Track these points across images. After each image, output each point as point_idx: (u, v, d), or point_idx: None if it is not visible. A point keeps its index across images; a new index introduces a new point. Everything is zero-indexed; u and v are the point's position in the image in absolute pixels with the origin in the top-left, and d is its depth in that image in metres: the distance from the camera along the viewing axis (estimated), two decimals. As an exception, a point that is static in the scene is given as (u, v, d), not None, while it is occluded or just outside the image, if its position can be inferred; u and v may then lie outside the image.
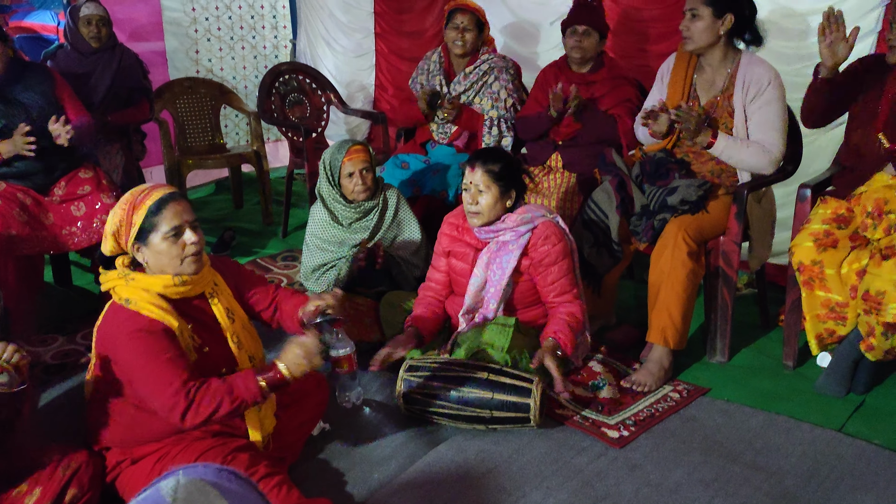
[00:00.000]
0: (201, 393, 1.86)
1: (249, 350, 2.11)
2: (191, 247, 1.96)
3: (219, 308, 2.06)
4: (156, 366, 1.86)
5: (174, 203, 1.95)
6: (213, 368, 1.98)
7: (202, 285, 2.05)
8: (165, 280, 1.95)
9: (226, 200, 5.07)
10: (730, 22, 2.73)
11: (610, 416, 2.49)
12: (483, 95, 3.60)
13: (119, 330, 1.91)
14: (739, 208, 2.72)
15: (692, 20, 2.74)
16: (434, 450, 2.33)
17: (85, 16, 3.72)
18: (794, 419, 2.45)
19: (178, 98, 4.64)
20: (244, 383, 1.90)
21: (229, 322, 2.07)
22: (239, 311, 2.14)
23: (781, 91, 2.74)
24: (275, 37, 5.63)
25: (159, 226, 1.93)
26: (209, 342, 2.02)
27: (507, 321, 2.55)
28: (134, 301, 1.92)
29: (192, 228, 1.97)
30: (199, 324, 2.02)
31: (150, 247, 1.94)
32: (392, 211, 3.09)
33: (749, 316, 3.14)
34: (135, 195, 1.96)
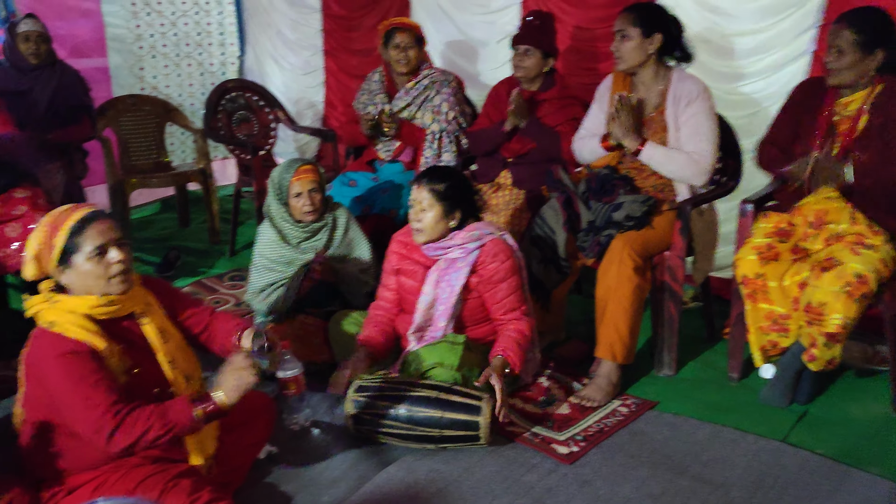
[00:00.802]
0: (133, 416, 1.80)
1: (185, 370, 2.05)
2: (116, 265, 1.90)
3: (150, 328, 2.00)
4: (82, 388, 1.80)
5: (97, 222, 1.90)
6: (145, 390, 1.92)
7: (131, 305, 1.98)
8: (91, 301, 1.89)
9: (171, 219, 4.98)
10: (658, 41, 2.80)
11: (560, 432, 2.49)
12: (424, 110, 3.61)
13: (44, 354, 1.84)
14: (683, 223, 2.77)
15: (621, 41, 2.81)
16: (384, 470, 2.30)
17: (23, 32, 3.63)
18: (739, 431, 2.49)
19: (121, 116, 4.55)
20: (178, 410, 1.85)
21: (162, 342, 2.01)
22: (173, 330, 2.08)
23: (710, 103, 2.81)
24: (222, 53, 5.57)
25: (82, 246, 1.87)
26: (141, 363, 1.96)
27: (456, 339, 2.54)
28: (59, 323, 1.85)
29: (117, 246, 1.91)
30: (130, 345, 1.96)
31: (74, 268, 1.88)
32: (342, 230, 3.06)
33: (695, 329, 3.18)
34: (54, 216, 1.90)
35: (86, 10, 4.85)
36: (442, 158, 3.56)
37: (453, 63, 4.32)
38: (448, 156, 3.58)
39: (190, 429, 1.87)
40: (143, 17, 5.10)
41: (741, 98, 3.37)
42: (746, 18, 3.31)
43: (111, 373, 1.86)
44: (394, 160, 3.70)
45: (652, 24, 2.79)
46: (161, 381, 1.98)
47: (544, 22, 3.34)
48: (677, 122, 2.81)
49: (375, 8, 4.74)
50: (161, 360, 1.99)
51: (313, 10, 5.09)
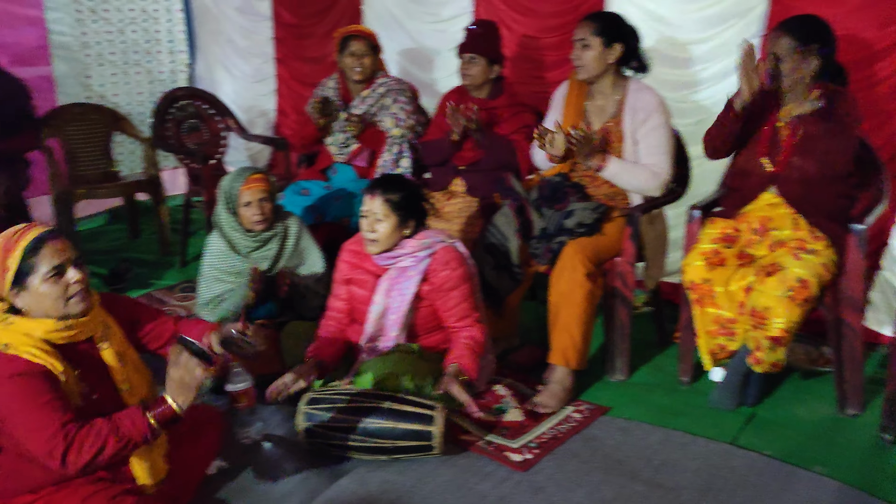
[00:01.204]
0: (83, 433, 1.75)
1: (141, 395, 2.00)
2: (74, 286, 1.85)
3: (109, 352, 1.95)
4: (33, 409, 1.75)
5: (52, 241, 1.84)
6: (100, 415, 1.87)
7: (90, 328, 1.93)
8: (48, 325, 1.83)
9: (121, 230, 4.87)
10: (619, 51, 2.83)
11: (514, 440, 2.50)
12: (383, 116, 3.60)
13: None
14: (633, 230, 2.80)
15: (583, 50, 2.83)
16: (336, 483, 2.28)
17: (-40, 39, 3.53)
18: (689, 434, 2.52)
19: (67, 125, 4.44)
20: (131, 420, 1.81)
21: (120, 366, 1.96)
22: (131, 353, 2.04)
23: (667, 116, 2.86)
24: (171, 61, 5.48)
25: (38, 267, 1.81)
26: (98, 388, 1.90)
27: (409, 348, 2.53)
28: (13, 345, 1.79)
29: (74, 266, 1.86)
30: (87, 369, 1.90)
31: (30, 290, 1.82)
32: (293, 240, 3.02)
33: (647, 334, 3.22)
34: (7, 238, 1.84)
35: (29, 17, 4.72)
36: (400, 164, 3.55)
37: (407, 71, 4.32)
38: (406, 162, 3.58)
39: (148, 437, 1.82)
40: (90, 24, 4.99)
41: (691, 106, 3.42)
42: (693, 28, 3.37)
43: (65, 394, 1.80)
44: (348, 162, 3.66)
45: (613, 33, 2.83)
46: (119, 407, 1.92)
47: (487, 30, 3.36)
48: (634, 134, 2.84)
49: (327, 16, 4.72)
50: (119, 386, 1.94)
51: (264, 18, 5.05)
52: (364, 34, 3.61)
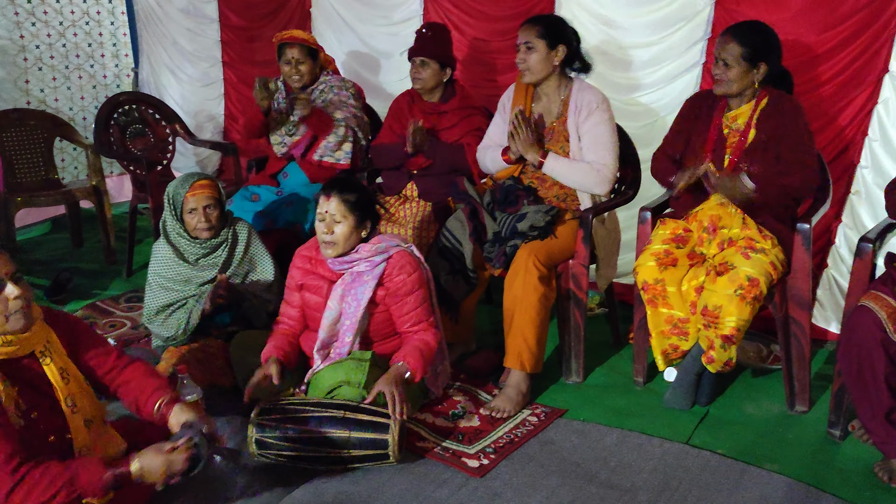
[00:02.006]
0: (36, 475, 1.69)
1: (86, 413, 1.92)
2: (14, 302, 1.78)
3: (51, 368, 1.88)
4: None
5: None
6: (41, 436, 1.80)
7: (32, 344, 1.86)
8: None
9: (63, 239, 4.72)
10: (563, 52, 2.85)
11: (470, 445, 2.48)
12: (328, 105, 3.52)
13: None
14: (585, 232, 2.81)
15: (527, 52, 2.84)
16: (289, 496, 2.22)
17: None
18: (645, 435, 2.54)
19: (4, 131, 4.29)
20: (88, 474, 1.75)
21: (63, 383, 1.88)
22: (74, 370, 1.96)
23: (610, 113, 2.88)
24: (116, 65, 5.34)
25: None
26: (38, 406, 1.83)
27: (363, 356, 2.49)
28: None
29: (13, 281, 1.79)
30: (28, 386, 1.83)
31: None
32: (242, 246, 2.96)
33: (601, 335, 3.24)
34: None
35: (-37, 19, 4.57)
36: (342, 148, 3.47)
37: (357, 74, 4.28)
38: (348, 146, 3.48)
39: (99, 494, 1.77)
40: (28, 27, 4.83)
41: (639, 108, 3.46)
42: (639, 31, 3.41)
43: (7, 419, 1.72)
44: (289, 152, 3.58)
45: (556, 36, 2.84)
46: (60, 426, 1.84)
47: (437, 34, 3.33)
48: (578, 131, 2.86)
49: (275, 19, 4.65)
50: (62, 403, 1.86)
51: (211, 21, 4.95)
52: (299, 40, 3.51)
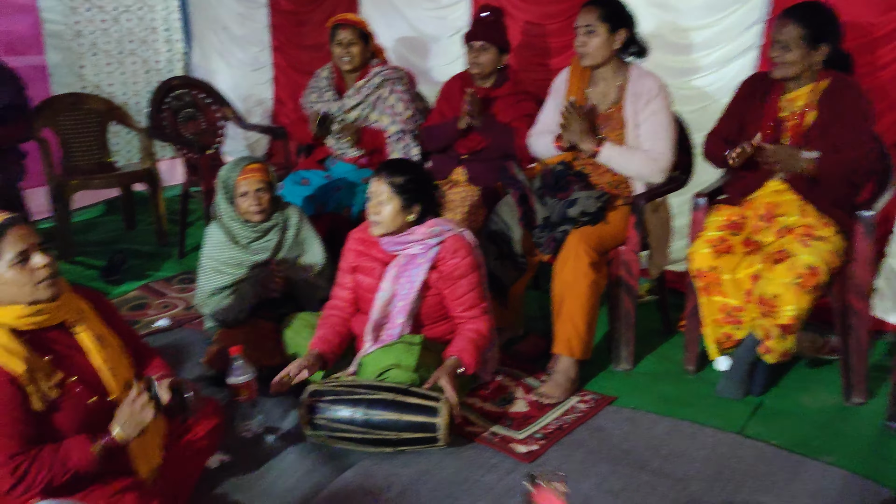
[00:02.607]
0: (34, 469, 1.74)
1: (124, 376, 1.97)
2: (42, 271, 1.82)
3: (86, 335, 1.92)
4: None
5: (15, 228, 1.81)
6: (79, 402, 1.84)
7: (62, 313, 1.90)
8: (17, 311, 1.80)
9: (117, 221, 4.82)
10: (623, 37, 2.80)
11: (519, 431, 2.47)
12: (381, 112, 3.54)
13: None
14: (637, 218, 2.77)
15: (588, 36, 2.79)
16: (340, 477, 2.25)
17: (-50, 28, 3.47)
18: (697, 424, 2.50)
19: (60, 115, 4.38)
20: (77, 453, 1.79)
21: (100, 347, 1.93)
22: (111, 337, 2.00)
23: (669, 101, 2.82)
24: (168, 50, 5.42)
25: (3, 254, 1.78)
26: (75, 373, 1.87)
27: (413, 339, 2.50)
28: None
29: (40, 251, 1.83)
30: (62, 355, 1.87)
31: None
32: (293, 230, 2.98)
33: (652, 322, 3.19)
34: None
35: (21, 5, 4.65)
36: (410, 156, 3.51)
37: (405, 59, 4.27)
38: (415, 151, 3.52)
39: (93, 467, 1.81)
40: (83, 12, 4.92)
41: (693, 92, 3.39)
42: (694, 14, 3.33)
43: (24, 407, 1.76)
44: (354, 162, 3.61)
45: (618, 19, 2.79)
46: (98, 389, 1.89)
47: (498, 18, 3.32)
48: (636, 119, 2.81)
49: (324, 3, 4.66)
50: (99, 367, 1.90)
51: (260, 5, 4.98)
52: (351, 22, 3.53)
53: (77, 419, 1.84)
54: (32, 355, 1.79)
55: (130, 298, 3.63)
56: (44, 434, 1.80)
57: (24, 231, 1.82)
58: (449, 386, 2.34)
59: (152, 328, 3.29)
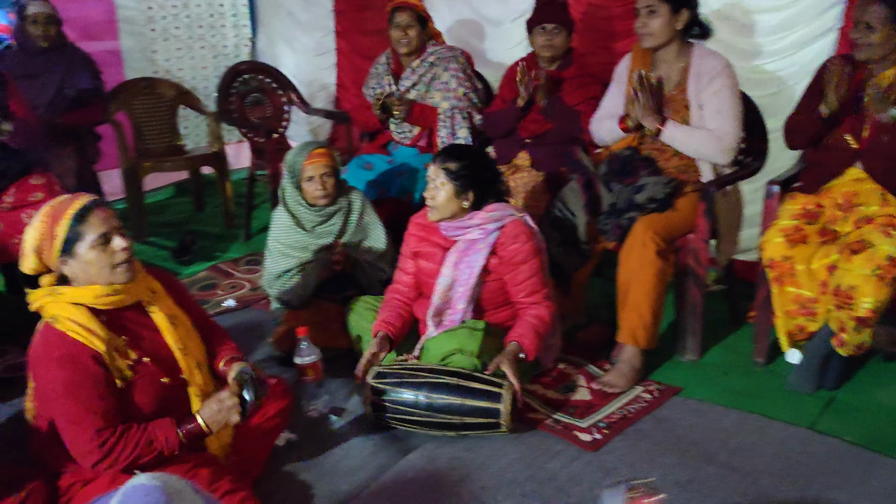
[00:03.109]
0: (120, 446, 1.80)
1: (197, 357, 2.02)
2: (121, 253, 1.87)
3: (159, 315, 1.98)
4: (74, 402, 1.78)
5: (98, 210, 1.87)
6: (153, 381, 1.90)
7: (137, 293, 1.95)
8: (96, 290, 1.86)
9: (186, 203, 4.95)
10: (686, 17, 2.73)
11: (582, 419, 2.45)
12: (433, 88, 3.53)
13: (44, 353, 1.81)
14: (707, 205, 2.70)
15: (649, 16, 2.73)
16: (404, 459, 2.27)
17: (32, 14, 3.59)
18: (766, 417, 2.44)
19: (134, 99, 4.51)
20: (164, 435, 1.85)
21: (172, 328, 1.98)
22: (182, 316, 2.06)
23: (734, 80, 2.74)
24: (235, 35, 5.52)
25: (85, 234, 1.83)
26: (149, 353, 1.93)
27: (476, 325, 2.50)
28: (61, 320, 1.82)
29: (120, 234, 1.88)
30: (136, 335, 1.93)
31: (78, 258, 1.84)
32: (357, 214, 3.01)
33: (719, 313, 3.12)
34: (54, 207, 1.86)
35: (97, -9, 4.81)
36: (457, 136, 3.49)
37: (465, 42, 4.24)
38: (463, 132, 3.50)
39: (175, 451, 1.87)
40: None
41: (763, 77, 3.28)
42: (768, -5, 3.22)
43: (107, 383, 1.82)
44: (413, 145, 3.63)
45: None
46: (172, 369, 1.95)
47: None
48: (699, 99, 2.74)
49: (388, -13, 4.66)
50: (172, 347, 1.96)
51: (325, -9, 5.03)
52: (409, 5, 3.53)
53: (151, 398, 1.90)
54: (110, 335, 1.85)
55: (200, 279, 3.73)
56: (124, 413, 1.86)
57: (107, 214, 1.88)
58: (511, 371, 2.33)
59: (221, 308, 3.36)
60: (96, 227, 1.84)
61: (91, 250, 1.84)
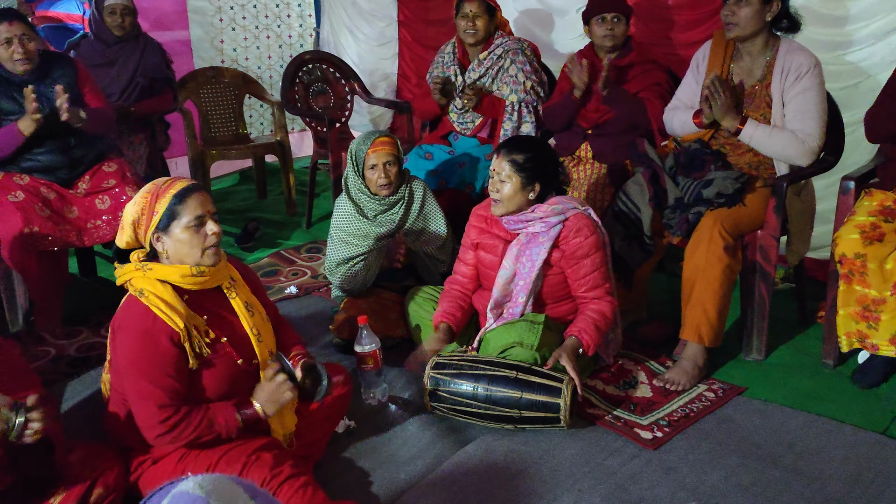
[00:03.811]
0: (182, 425, 1.86)
1: (268, 344, 2.07)
2: (212, 237, 1.93)
3: (237, 301, 2.03)
4: (148, 379, 1.85)
5: (197, 193, 1.93)
6: (229, 362, 1.95)
7: (219, 278, 2.01)
8: (183, 270, 1.92)
9: (249, 191, 5.04)
10: (777, 7, 2.63)
11: (643, 416, 2.42)
12: (500, 81, 3.51)
13: (127, 323, 1.88)
14: (778, 201, 2.62)
15: (738, 6, 2.63)
16: (462, 450, 2.27)
17: (109, 5, 3.69)
18: (835, 421, 2.36)
19: (201, 88, 4.61)
20: (225, 419, 1.91)
21: (249, 315, 2.03)
22: (257, 304, 2.10)
23: (821, 80, 2.63)
24: (300, 25, 5.58)
25: (182, 215, 1.90)
26: (227, 334, 1.98)
27: (536, 318, 2.48)
28: (147, 294, 1.88)
29: (213, 220, 1.94)
30: (216, 317, 1.99)
31: (171, 236, 1.91)
32: (418, 204, 3.01)
33: (786, 312, 3.03)
34: (157, 185, 1.94)
35: (168, -18, 4.93)
36: (521, 130, 3.47)
37: (529, 32, 4.20)
38: (527, 126, 3.48)
39: (233, 434, 1.93)
40: (224, -11, 5.15)
41: (843, 68, 3.16)
42: (849, -17, 3.09)
43: (178, 363, 1.88)
44: (472, 136, 3.62)
45: None
46: (245, 354, 1.99)
47: None
48: (783, 96, 2.64)
49: (452, -24, 4.64)
50: (248, 333, 2.01)
51: (389, -20, 5.04)
52: None
53: (224, 379, 1.95)
54: (191, 313, 1.90)
55: (263, 265, 3.79)
56: (192, 391, 1.92)
57: (204, 198, 1.95)
58: (570, 366, 2.31)
59: (283, 294, 3.42)
60: (194, 208, 1.91)
61: (185, 230, 1.90)
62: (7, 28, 2.89)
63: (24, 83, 2.91)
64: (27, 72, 2.95)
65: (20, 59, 2.91)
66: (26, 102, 2.84)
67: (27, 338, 3.02)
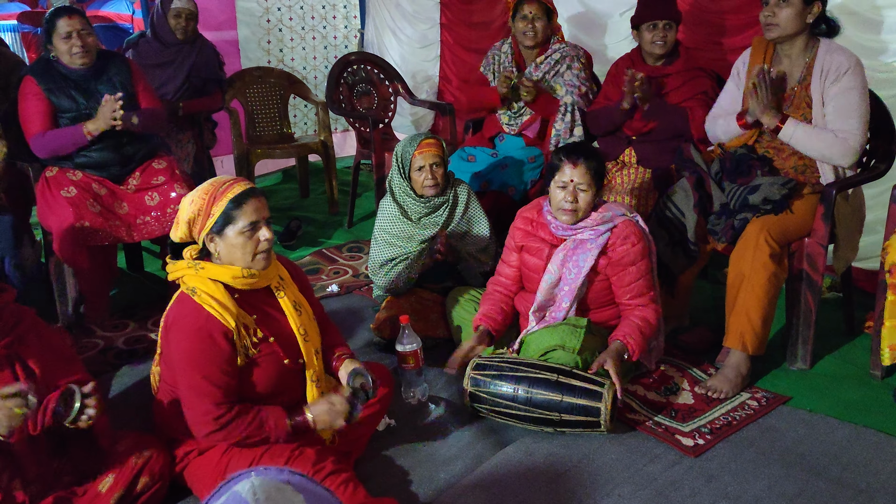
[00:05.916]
0: (233, 425, 1.90)
1: (315, 344, 2.10)
2: (264, 244, 1.96)
3: (286, 301, 2.06)
4: (201, 376, 1.89)
5: (255, 199, 1.95)
6: (276, 361, 1.98)
7: (268, 279, 2.05)
8: (234, 271, 1.95)
9: (292, 190, 5.11)
10: (818, 9, 2.60)
11: (684, 423, 2.40)
12: (557, 84, 3.51)
13: (180, 321, 1.93)
14: (827, 209, 2.58)
15: (779, 6, 2.60)
16: (501, 451, 2.28)
17: (175, 8, 3.78)
18: (883, 433, 2.32)
19: (248, 87, 4.68)
20: (275, 423, 1.94)
21: (297, 314, 2.06)
22: (305, 304, 2.13)
23: (862, 79, 2.59)
24: (345, 27, 5.64)
25: (237, 220, 1.92)
26: (274, 334, 2.01)
27: (578, 322, 2.47)
28: (199, 293, 1.92)
29: (267, 226, 1.97)
30: (265, 316, 2.02)
31: (225, 239, 1.94)
32: (462, 206, 3.02)
33: (832, 321, 2.98)
34: (216, 186, 1.96)
35: (218, -16, 5.02)
36: (574, 133, 3.46)
37: (575, 37, 4.19)
38: (579, 130, 3.47)
39: (280, 439, 1.96)
40: (272, -9, 5.23)
41: (890, 75, 3.09)
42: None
43: (232, 360, 1.91)
44: (518, 133, 3.62)
45: None
46: (292, 353, 2.02)
47: None
48: (824, 96, 2.61)
49: (495, -20, 4.66)
50: (295, 332, 2.04)
51: (433, -17, 5.07)
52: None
53: (270, 377, 1.98)
54: (241, 312, 1.94)
55: (305, 263, 3.84)
56: (239, 389, 1.96)
57: (261, 204, 1.97)
58: (614, 371, 2.30)
59: (325, 293, 3.46)
60: (249, 214, 1.93)
61: (239, 235, 1.93)
62: (67, 22, 2.97)
63: (81, 81, 2.99)
64: (85, 66, 3.02)
65: (78, 52, 2.98)
66: (104, 108, 2.91)
67: (77, 329, 3.10)
